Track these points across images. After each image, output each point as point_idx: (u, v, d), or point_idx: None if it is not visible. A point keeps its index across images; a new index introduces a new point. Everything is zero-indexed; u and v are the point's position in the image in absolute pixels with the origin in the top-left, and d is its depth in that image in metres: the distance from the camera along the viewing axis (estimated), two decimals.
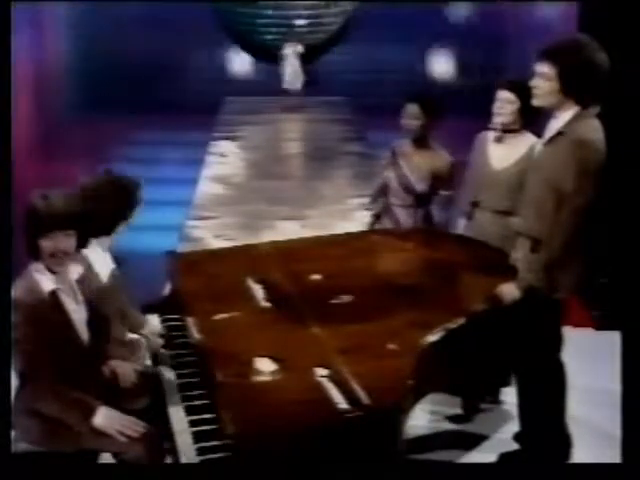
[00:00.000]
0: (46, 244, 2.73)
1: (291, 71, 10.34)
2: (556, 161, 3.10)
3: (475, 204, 3.83)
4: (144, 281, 4.05)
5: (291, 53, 10.38)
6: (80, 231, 2.81)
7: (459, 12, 9.62)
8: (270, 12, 10.37)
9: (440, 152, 4.15)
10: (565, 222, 3.08)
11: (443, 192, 4.13)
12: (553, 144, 3.15)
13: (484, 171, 3.76)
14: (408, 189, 4.14)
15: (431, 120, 4.09)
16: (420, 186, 4.10)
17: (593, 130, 3.10)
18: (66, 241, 2.75)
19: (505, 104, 3.66)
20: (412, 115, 4.08)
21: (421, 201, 4.15)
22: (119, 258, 3.11)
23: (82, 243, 2.86)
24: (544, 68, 3.12)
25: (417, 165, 4.12)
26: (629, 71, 4.43)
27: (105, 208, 3.03)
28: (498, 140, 3.75)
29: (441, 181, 4.11)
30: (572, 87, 3.08)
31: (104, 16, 9.21)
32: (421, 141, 4.14)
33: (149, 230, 4.62)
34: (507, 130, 3.71)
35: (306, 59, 10.49)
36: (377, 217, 4.36)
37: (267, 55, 10.61)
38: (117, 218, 3.10)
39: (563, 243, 3.10)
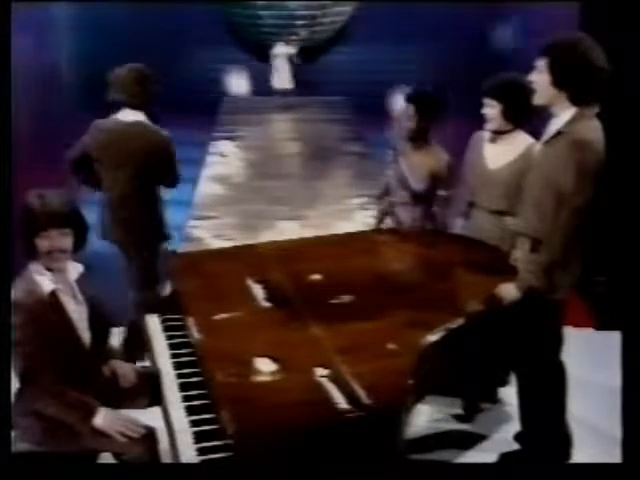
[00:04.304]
0: (42, 243, 2.73)
1: (279, 72, 10.33)
2: (555, 161, 3.10)
3: (471, 204, 3.84)
4: None
5: (281, 53, 10.37)
6: (77, 230, 2.81)
7: (458, 12, 9.60)
8: (270, 12, 10.36)
9: (438, 152, 4.14)
10: (565, 222, 3.08)
11: (441, 192, 4.13)
12: (552, 144, 3.15)
13: (479, 171, 3.77)
14: (406, 187, 4.15)
15: (426, 121, 4.09)
16: (417, 185, 4.10)
17: (593, 130, 3.10)
18: (62, 239, 2.76)
19: (488, 109, 3.68)
20: (407, 115, 4.09)
21: (418, 199, 4.15)
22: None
23: (80, 243, 2.86)
24: (538, 63, 3.14)
25: (415, 164, 4.12)
26: (629, 71, 4.43)
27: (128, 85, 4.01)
28: (492, 140, 3.76)
29: (439, 181, 4.10)
30: (563, 81, 3.08)
31: (104, 16, 9.21)
32: (419, 141, 4.13)
33: None
34: (499, 132, 3.71)
35: (305, 59, 10.48)
36: (383, 215, 4.37)
37: (267, 55, 10.61)
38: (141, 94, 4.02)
39: (563, 243, 3.10)
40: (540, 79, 3.14)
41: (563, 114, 3.12)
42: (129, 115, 4.00)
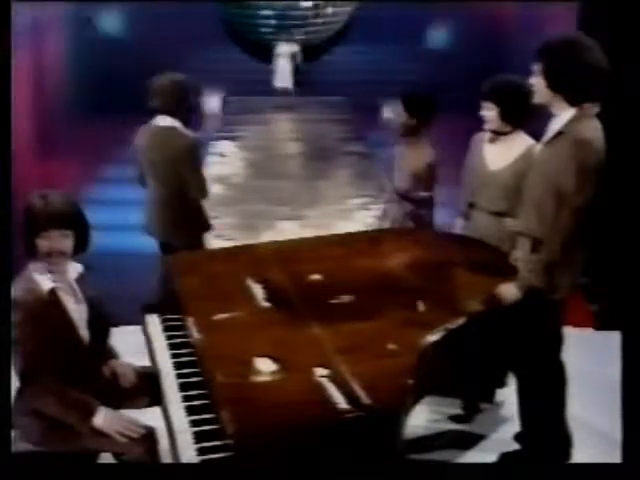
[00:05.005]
0: (42, 243, 2.73)
1: (281, 71, 10.32)
2: (556, 161, 3.10)
3: (471, 205, 3.84)
4: (144, 281, 4.06)
5: (283, 53, 10.36)
6: (78, 232, 2.81)
7: (458, 12, 9.61)
8: (270, 12, 10.36)
9: (424, 153, 4.15)
10: (565, 222, 3.08)
11: (422, 193, 4.14)
12: (553, 144, 3.15)
13: (480, 172, 3.77)
14: (392, 184, 4.23)
15: (415, 119, 4.10)
16: (399, 184, 4.16)
17: (593, 130, 3.10)
18: (62, 241, 2.75)
19: (486, 111, 3.69)
20: (397, 113, 4.13)
21: (403, 198, 4.19)
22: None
23: (81, 246, 2.86)
24: (534, 66, 3.15)
25: (405, 163, 4.17)
26: (629, 71, 4.43)
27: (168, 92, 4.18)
28: (492, 141, 3.76)
29: (420, 182, 4.11)
30: (558, 85, 3.09)
31: (104, 16, 9.21)
32: (408, 139, 4.17)
33: None
34: (499, 133, 3.71)
35: (305, 59, 10.49)
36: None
37: (266, 55, 10.61)
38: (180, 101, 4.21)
39: (563, 243, 3.10)
40: (537, 82, 3.15)
41: (563, 114, 3.12)
42: (164, 120, 4.26)
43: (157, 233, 4.46)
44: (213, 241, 6.40)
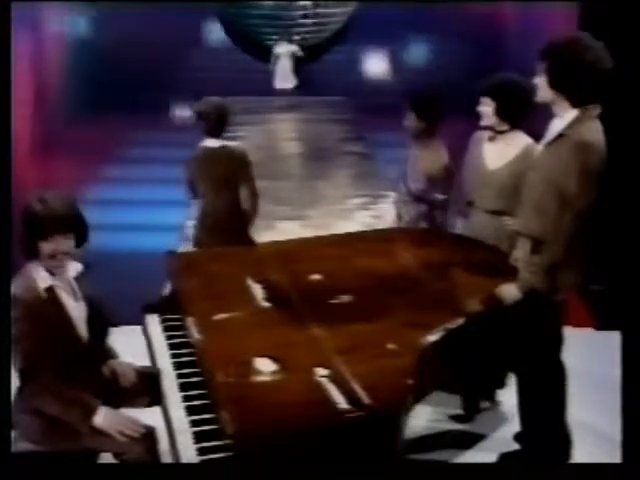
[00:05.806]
0: (46, 246, 2.74)
1: (281, 71, 10.31)
2: (558, 163, 3.10)
3: (470, 204, 3.85)
4: (144, 281, 4.06)
5: (283, 52, 10.35)
6: (78, 233, 2.82)
7: (459, 12, 9.60)
8: (270, 12, 10.36)
9: (438, 155, 4.14)
10: (567, 224, 3.08)
11: (439, 196, 4.13)
12: (554, 145, 3.15)
13: (478, 171, 3.78)
14: (406, 185, 4.20)
15: (424, 121, 4.10)
16: (413, 185, 4.14)
17: (594, 132, 3.10)
18: (66, 243, 2.77)
19: (482, 107, 3.69)
20: (406, 115, 4.13)
21: (416, 198, 4.18)
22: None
23: (80, 243, 2.87)
24: (538, 65, 3.15)
25: (416, 164, 4.16)
26: (629, 71, 4.43)
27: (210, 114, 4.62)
28: (491, 140, 3.76)
29: (435, 183, 4.11)
30: (560, 85, 3.09)
31: (104, 16, 9.21)
32: (420, 140, 4.16)
33: (149, 230, 4.64)
34: (497, 131, 3.71)
35: (306, 58, 10.48)
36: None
37: (266, 55, 10.61)
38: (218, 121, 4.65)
39: (565, 245, 3.10)
40: (540, 82, 3.15)
41: (565, 115, 3.12)
42: (213, 142, 4.64)
43: (214, 242, 4.59)
44: None
